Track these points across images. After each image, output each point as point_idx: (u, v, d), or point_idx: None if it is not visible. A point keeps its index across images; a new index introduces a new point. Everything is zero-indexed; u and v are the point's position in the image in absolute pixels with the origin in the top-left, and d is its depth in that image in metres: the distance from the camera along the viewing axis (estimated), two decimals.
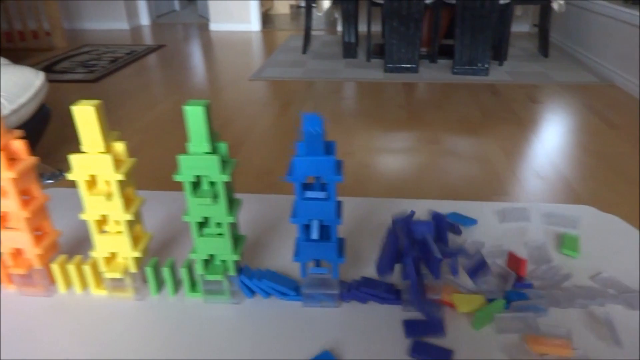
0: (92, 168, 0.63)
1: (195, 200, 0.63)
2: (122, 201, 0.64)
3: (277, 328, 0.65)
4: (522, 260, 0.72)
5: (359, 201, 0.96)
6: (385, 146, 2.40)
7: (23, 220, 0.68)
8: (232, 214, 0.64)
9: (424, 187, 2.03)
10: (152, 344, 0.64)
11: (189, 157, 0.60)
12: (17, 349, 0.64)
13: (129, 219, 0.66)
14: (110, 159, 0.62)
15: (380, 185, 2.05)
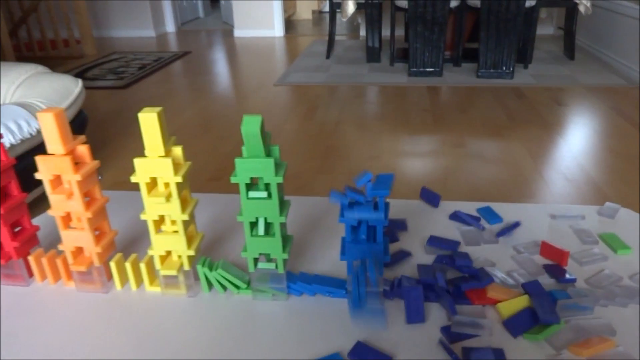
0: (153, 171, 0.67)
1: (249, 201, 0.66)
2: (179, 202, 0.68)
3: (322, 323, 0.68)
4: (563, 252, 0.74)
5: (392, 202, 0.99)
6: (411, 149, 2.42)
7: (86, 221, 0.72)
8: (283, 214, 0.67)
9: (451, 190, 2.04)
10: (202, 338, 0.67)
11: (245, 160, 0.64)
12: (75, 342, 0.68)
13: (186, 219, 0.70)
14: (171, 163, 0.66)
15: (408, 187, 2.07)
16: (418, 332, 0.66)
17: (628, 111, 2.86)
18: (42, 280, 0.80)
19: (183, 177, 0.68)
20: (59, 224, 0.73)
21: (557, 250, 0.77)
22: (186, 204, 0.71)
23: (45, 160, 0.69)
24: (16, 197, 0.76)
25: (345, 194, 0.64)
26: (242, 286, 0.73)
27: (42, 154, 0.70)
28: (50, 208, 0.73)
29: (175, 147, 0.69)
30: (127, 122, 2.89)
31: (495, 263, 0.81)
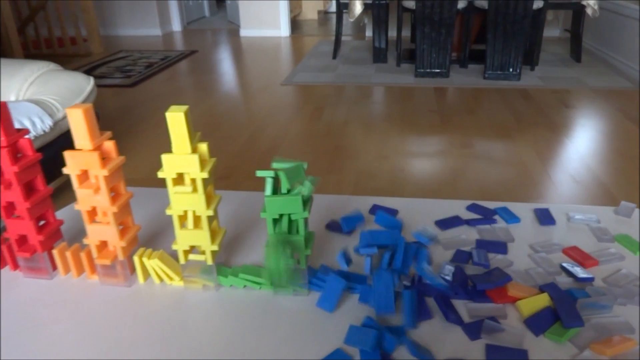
0: (180, 167, 0.68)
1: (272, 198, 0.67)
2: (205, 198, 0.70)
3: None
4: (591, 259, 0.75)
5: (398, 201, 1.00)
6: (419, 150, 2.43)
7: (112, 215, 0.73)
8: (307, 209, 0.69)
9: (460, 190, 2.05)
10: (224, 330, 0.68)
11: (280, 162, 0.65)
12: (98, 335, 0.69)
13: (210, 214, 0.71)
14: (198, 159, 0.67)
15: (417, 187, 2.07)
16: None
17: (635, 113, 2.87)
18: (65, 274, 0.81)
19: (209, 172, 0.69)
20: (85, 218, 0.75)
21: (585, 255, 0.78)
22: (211, 200, 0.72)
23: (73, 155, 0.70)
24: (41, 192, 0.78)
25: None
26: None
27: (62, 149, 0.71)
28: (76, 202, 0.74)
29: (201, 144, 0.70)
30: (135, 120, 2.90)
31: (512, 262, 0.81)
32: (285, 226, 0.71)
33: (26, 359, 0.65)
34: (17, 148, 0.74)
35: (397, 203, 1.00)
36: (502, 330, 0.65)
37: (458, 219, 0.93)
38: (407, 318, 0.66)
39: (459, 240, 0.87)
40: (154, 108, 3.12)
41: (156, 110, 3.09)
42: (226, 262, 0.82)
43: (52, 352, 0.66)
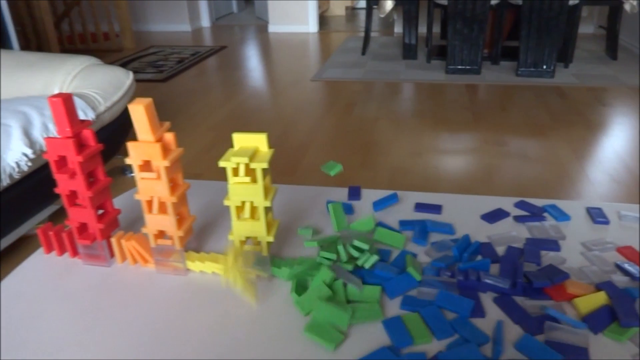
0: (244, 157, 0.69)
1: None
2: (263, 189, 0.71)
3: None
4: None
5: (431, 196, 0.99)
6: (453, 147, 2.41)
7: (170, 205, 0.75)
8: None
9: (496, 188, 2.03)
10: (271, 322, 0.69)
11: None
12: (153, 321, 0.70)
13: (268, 205, 0.72)
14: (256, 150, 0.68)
15: (451, 184, 2.06)
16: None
17: None
18: (122, 261, 0.83)
19: (268, 162, 0.70)
20: (145, 208, 0.77)
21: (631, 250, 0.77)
22: (268, 191, 0.73)
23: (136, 146, 0.72)
24: (102, 181, 0.80)
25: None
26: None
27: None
28: (136, 192, 0.76)
29: (260, 135, 0.71)
30: (169, 115, 2.95)
31: (565, 259, 0.81)
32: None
33: (85, 343, 0.67)
34: (81, 138, 0.76)
35: (440, 199, 1.00)
36: (562, 328, 0.65)
37: (504, 213, 0.93)
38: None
39: (510, 236, 0.86)
40: (187, 102, 3.17)
41: (189, 104, 3.13)
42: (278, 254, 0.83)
43: (111, 336, 0.68)
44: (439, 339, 0.64)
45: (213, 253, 0.81)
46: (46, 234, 0.85)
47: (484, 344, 0.64)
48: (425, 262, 0.80)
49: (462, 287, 0.73)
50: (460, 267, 0.76)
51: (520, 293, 0.71)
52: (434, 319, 0.67)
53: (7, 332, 0.70)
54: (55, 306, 0.74)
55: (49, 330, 0.70)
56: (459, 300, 0.68)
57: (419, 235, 0.85)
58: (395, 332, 0.64)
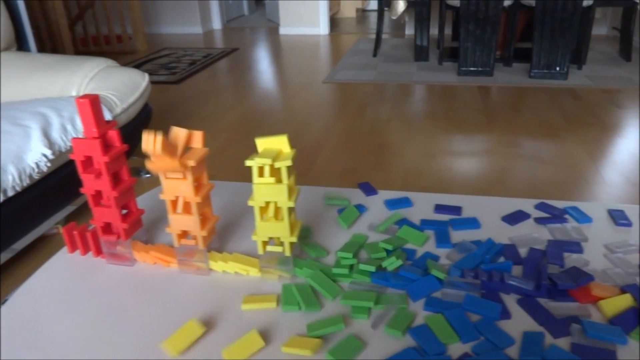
0: (268, 158, 0.70)
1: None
2: (288, 189, 0.71)
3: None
4: None
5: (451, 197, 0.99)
6: (466, 149, 2.40)
7: (195, 205, 0.76)
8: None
9: (510, 190, 2.02)
10: (290, 323, 0.70)
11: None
12: (177, 318, 0.71)
13: (292, 205, 0.72)
14: (285, 147, 0.68)
15: (466, 186, 2.05)
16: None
17: None
18: (144, 261, 0.84)
19: (291, 161, 0.70)
20: (169, 208, 0.77)
21: None
22: (292, 192, 0.73)
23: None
24: (126, 182, 0.81)
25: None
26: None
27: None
28: (161, 192, 0.76)
29: (281, 137, 0.71)
30: (183, 116, 2.97)
31: (588, 262, 0.80)
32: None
33: (110, 342, 0.68)
34: (107, 139, 0.77)
35: (459, 200, 1.00)
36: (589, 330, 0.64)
37: (525, 215, 0.93)
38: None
39: (531, 238, 0.86)
40: (200, 104, 3.18)
41: (202, 106, 3.15)
42: (301, 254, 0.83)
43: (134, 335, 0.69)
44: (465, 341, 0.64)
45: (236, 253, 0.82)
46: (70, 234, 0.86)
47: (509, 347, 0.64)
48: (446, 263, 0.80)
49: (486, 288, 0.72)
50: (484, 267, 0.76)
51: (544, 295, 0.71)
52: (459, 321, 0.66)
53: (33, 331, 0.71)
54: (80, 305, 0.75)
55: (73, 329, 0.70)
56: (486, 304, 0.68)
57: (441, 237, 0.85)
58: (424, 339, 0.64)
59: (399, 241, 0.84)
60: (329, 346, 0.64)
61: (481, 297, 0.71)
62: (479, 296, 0.71)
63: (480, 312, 0.67)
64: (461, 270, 0.75)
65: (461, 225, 0.89)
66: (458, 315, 0.67)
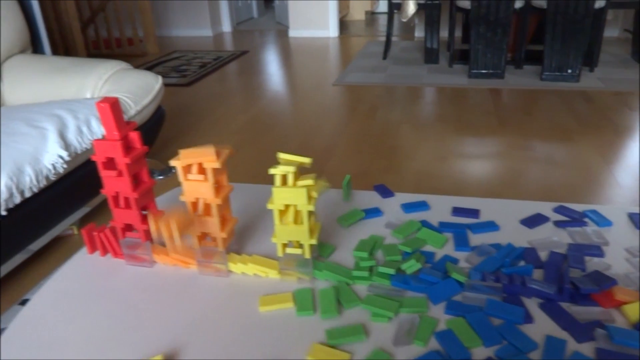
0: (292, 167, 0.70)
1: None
2: (307, 193, 0.71)
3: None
4: None
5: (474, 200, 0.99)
6: (478, 151, 2.39)
7: (215, 207, 0.76)
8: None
9: (523, 193, 2.01)
10: (312, 324, 0.70)
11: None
12: (198, 319, 0.71)
13: (311, 209, 0.72)
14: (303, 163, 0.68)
15: (478, 189, 2.05)
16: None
17: None
18: (164, 262, 0.84)
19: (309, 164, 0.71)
20: (189, 210, 0.78)
21: None
22: (311, 195, 0.73)
23: (186, 150, 0.73)
24: (146, 183, 0.81)
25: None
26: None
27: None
28: (181, 193, 0.77)
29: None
30: (195, 118, 2.98)
31: (610, 265, 0.80)
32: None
33: (129, 342, 0.68)
34: (128, 141, 0.78)
35: (476, 203, 0.99)
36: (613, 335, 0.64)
37: (544, 218, 0.92)
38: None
39: (551, 242, 0.86)
40: (211, 107, 3.20)
41: (213, 108, 3.16)
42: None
43: (154, 335, 0.69)
44: (487, 345, 0.64)
45: (255, 255, 0.82)
46: (90, 235, 0.86)
47: (533, 351, 0.63)
48: (466, 267, 0.80)
49: (508, 292, 0.72)
50: (504, 271, 0.76)
51: (567, 299, 0.70)
52: (481, 325, 0.66)
53: (54, 331, 0.71)
54: (100, 305, 0.75)
55: (93, 329, 0.71)
56: (509, 308, 0.68)
57: (460, 240, 0.85)
58: (448, 344, 0.63)
59: (417, 243, 0.84)
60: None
61: (502, 301, 0.70)
62: (500, 300, 0.70)
63: (503, 316, 0.67)
64: (482, 274, 0.75)
65: (480, 228, 0.88)
66: (480, 319, 0.67)
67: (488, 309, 0.68)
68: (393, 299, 0.71)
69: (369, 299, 0.71)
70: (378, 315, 0.69)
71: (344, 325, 0.68)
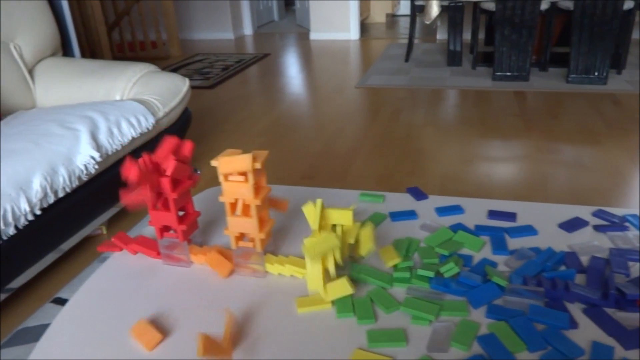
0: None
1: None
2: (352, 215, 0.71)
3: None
4: None
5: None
6: (504, 154, 2.36)
7: (254, 208, 0.76)
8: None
9: (552, 196, 1.98)
10: (350, 328, 0.69)
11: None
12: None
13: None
14: None
15: (505, 192, 2.02)
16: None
17: None
18: (201, 263, 0.85)
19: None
20: (228, 210, 0.78)
21: None
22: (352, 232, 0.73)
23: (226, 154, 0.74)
24: (185, 184, 0.82)
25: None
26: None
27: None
28: (220, 194, 0.77)
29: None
30: (218, 120, 3.01)
31: None
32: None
33: (168, 341, 0.69)
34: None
35: (512, 206, 0.98)
36: None
37: (583, 222, 0.91)
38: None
39: (592, 246, 0.84)
40: (234, 109, 3.22)
41: (237, 110, 3.18)
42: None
43: (191, 335, 0.70)
44: (532, 350, 0.63)
45: (292, 256, 0.82)
46: (122, 242, 0.88)
47: (579, 357, 0.62)
48: (505, 270, 0.79)
49: (550, 297, 0.71)
50: (546, 275, 0.74)
51: (612, 305, 0.69)
52: (525, 330, 0.65)
53: (93, 331, 0.72)
54: (139, 305, 0.76)
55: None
56: (553, 313, 0.67)
57: (498, 244, 0.84)
58: (492, 348, 0.63)
59: (454, 246, 0.83)
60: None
61: (545, 306, 0.69)
62: (543, 304, 0.69)
63: (548, 321, 0.66)
64: (523, 278, 0.74)
65: (518, 232, 0.87)
66: (524, 324, 0.66)
67: (531, 314, 0.67)
68: (433, 302, 0.70)
69: (408, 302, 0.70)
70: (418, 318, 0.68)
71: (383, 328, 0.68)
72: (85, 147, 1.51)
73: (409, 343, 0.65)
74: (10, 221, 1.27)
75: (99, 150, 1.54)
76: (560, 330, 0.65)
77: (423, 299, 0.71)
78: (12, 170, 1.32)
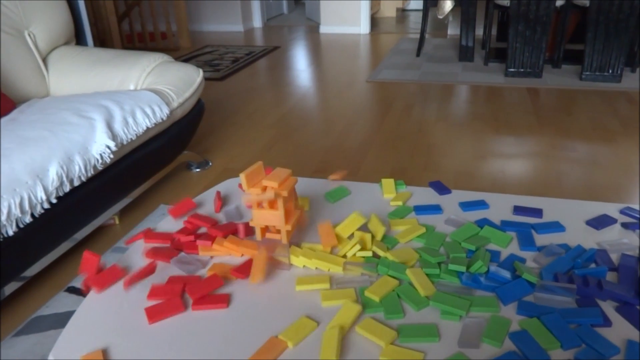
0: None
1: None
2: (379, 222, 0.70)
3: None
4: None
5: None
6: (518, 151, 2.34)
7: (280, 199, 0.75)
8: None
9: (567, 194, 1.96)
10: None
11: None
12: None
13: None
14: None
15: (520, 189, 2.00)
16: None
17: None
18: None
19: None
20: (253, 203, 0.77)
21: None
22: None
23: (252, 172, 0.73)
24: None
25: None
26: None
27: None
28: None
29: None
30: (228, 112, 3.00)
31: None
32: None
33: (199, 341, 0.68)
34: None
35: (537, 202, 0.97)
36: None
37: (611, 219, 0.89)
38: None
39: (621, 243, 0.83)
40: (244, 101, 3.21)
41: (247, 102, 3.17)
42: None
43: (209, 328, 0.69)
44: (566, 348, 0.62)
45: (319, 250, 0.81)
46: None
47: (615, 356, 0.61)
48: (534, 267, 0.77)
49: (582, 294, 0.70)
50: (578, 272, 0.73)
51: None
52: (557, 327, 0.64)
53: (118, 317, 0.72)
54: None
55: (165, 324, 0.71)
56: (586, 310, 0.65)
57: (525, 240, 0.83)
58: (525, 345, 0.62)
59: (481, 241, 0.82)
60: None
61: (577, 303, 0.68)
62: (575, 302, 0.68)
63: (581, 318, 0.65)
64: (554, 275, 0.73)
65: (545, 228, 0.86)
66: (556, 321, 0.65)
67: (564, 311, 0.66)
68: (463, 297, 0.69)
69: (438, 297, 0.69)
70: (448, 313, 0.67)
71: (414, 322, 0.67)
72: (101, 136, 1.50)
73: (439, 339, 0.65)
74: (27, 209, 1.27)
75: (114, 140, 1.54)
76: (593, 327, 0.64)
77: (453, 294, 0.70)
78: (28, 158, 1.31)
